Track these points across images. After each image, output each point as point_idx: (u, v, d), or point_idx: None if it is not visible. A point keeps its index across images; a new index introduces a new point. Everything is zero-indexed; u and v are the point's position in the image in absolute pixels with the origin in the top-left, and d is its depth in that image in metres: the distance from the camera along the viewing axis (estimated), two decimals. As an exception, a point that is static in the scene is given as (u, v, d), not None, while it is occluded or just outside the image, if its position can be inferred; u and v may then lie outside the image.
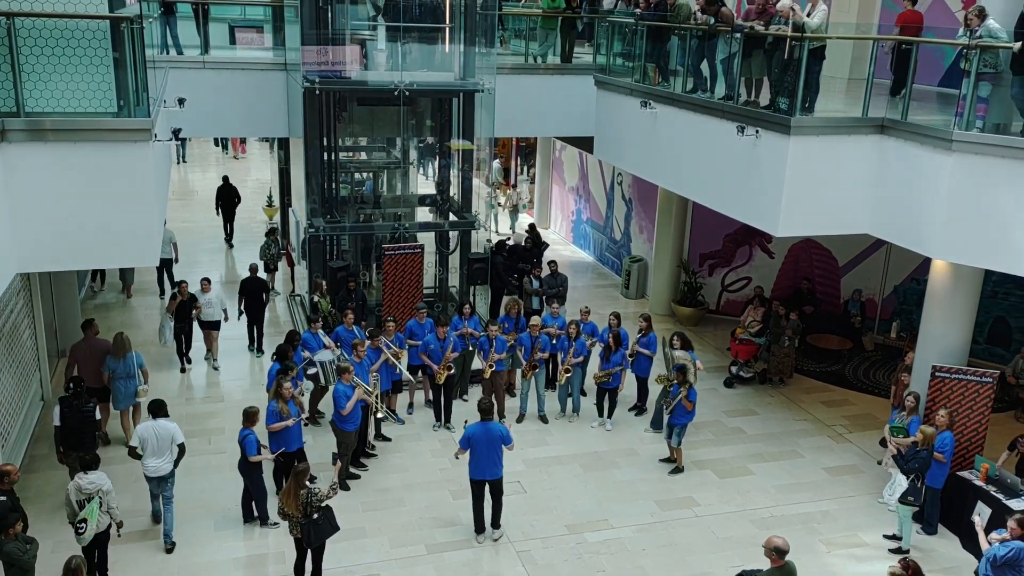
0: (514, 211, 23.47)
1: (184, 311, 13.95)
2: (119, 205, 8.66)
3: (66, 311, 14.48)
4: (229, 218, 21.58)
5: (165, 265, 17.43)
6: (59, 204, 8.47)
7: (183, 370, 14.22)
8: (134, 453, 9.77)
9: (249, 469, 10.02)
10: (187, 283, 14.11)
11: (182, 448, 9.76)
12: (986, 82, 9.75)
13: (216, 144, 34.01)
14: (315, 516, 8.63)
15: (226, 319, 14.56)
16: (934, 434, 10.02)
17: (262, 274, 15.60)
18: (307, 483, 8.64)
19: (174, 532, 9.88)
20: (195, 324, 14.31)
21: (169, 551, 9.77)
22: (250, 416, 9.87)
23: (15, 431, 11.33)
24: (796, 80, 10.45)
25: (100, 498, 8.73)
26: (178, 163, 30.17)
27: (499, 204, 23.87)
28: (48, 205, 8.45)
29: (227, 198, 21.40)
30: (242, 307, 14.83)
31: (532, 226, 20.19)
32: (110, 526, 8.94)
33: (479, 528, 10.24)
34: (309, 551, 8.90)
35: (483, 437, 9.79)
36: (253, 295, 14.81)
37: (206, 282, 14.36)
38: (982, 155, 9.48)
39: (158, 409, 9.79)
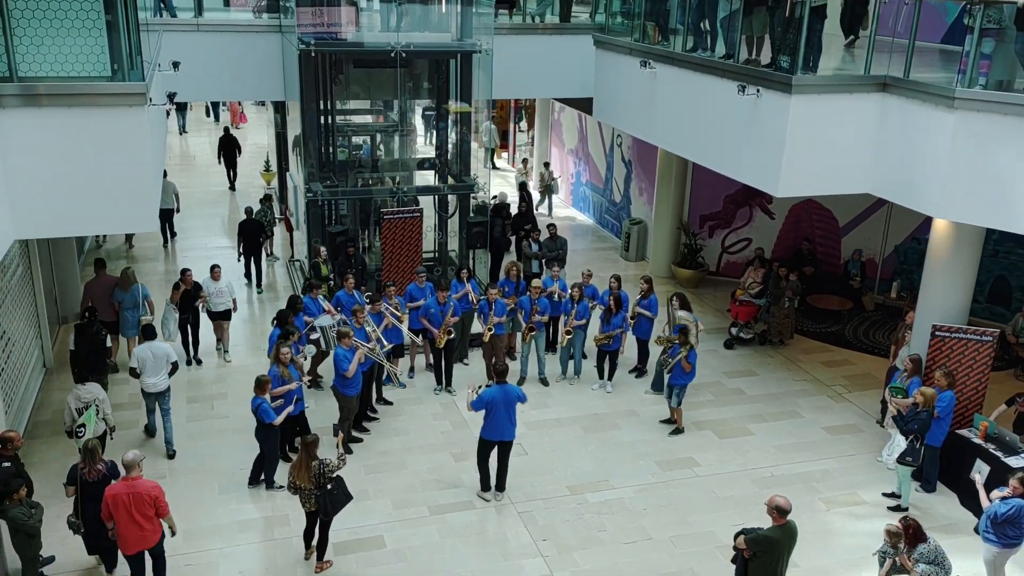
0: (546, 191, 21.86)
1: (189, 301, 12.95)
2: (115, 170, 8.59)
3: (66, 279, 14.46)
4: (231, 165, 23.16)
5: (166, 215, 18.25)
6: (55, 170, 8.42)
7: (189, 363, 13.24)
8: (134, 372, 10.88)
9: (265, 436, 10.08)
10: (191, 271, 13.09)
11: (175, 366, 10.98)
12: (989, 38, 9.63)
13: (208, 115, 33.25)
14: (328, 487, 8.62)
15: (235, 309, 13.66)
16: (934, 395, 10.04)
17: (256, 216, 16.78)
18: (317, 454, 8.65)
19: (174, 441, 11.06)
20: (202, 315, 13.34)
21: (171, 457, 10.85)
22: (262, 384, 9.90)
23: (18, 397, 11.37)
24: (798, 38, 10.33)
25: (96, 406, 9.68)
26: (180, 133, 29.86)
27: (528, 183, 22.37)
28: (44, 171, 8.39)
29: (228, 147, 23.06)
30: (241, 248, 16.16)
31: (523, 184, 20.08)
32: (105, 432, 9.97)
33: (486, 486, 10.34)
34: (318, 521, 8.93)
35: (501, 399, 9.86)
36: (250, 236, 16.14)
37: (216, 269, 13.34)
38: (985, 112, 9.39)
39: (151, 332, 11.04)
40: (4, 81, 8.16)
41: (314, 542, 9.03)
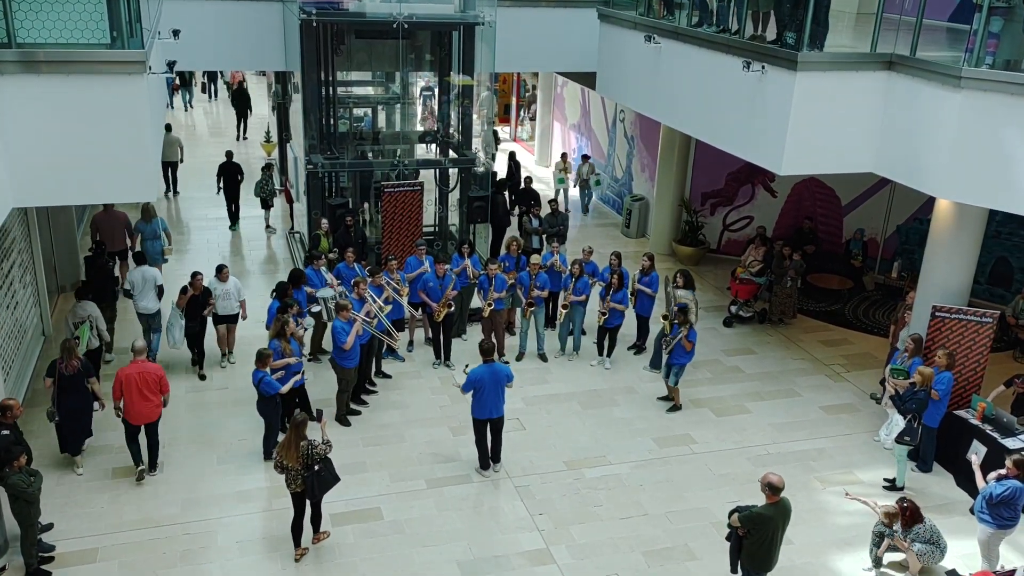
0: (584, 187, 20.21)
1: (197, 307, 11.98)
2: (114, 139, 8.54)
3: (65, 247, 14.41)
4: (243, 115, 25.67)
5: (171, 166, 19.85)
6: (54, 138, 8.37)
7: (202, 377, 12.25)
8: (128, 293, 12.28)
9: (267, 409, 10.08)
10: (202, 275, 11.94)
11: (161, 289, 12.25)
12: (998, 17, 9.51)
13: (203, 91, 31.87)
14: (316, 467, 8.47)
15: (244, 316, 12.51)
16: (932, 374, 10.05)
17: (237, 159, 18.38)
18: (306, 435, 8.50)
19: (158, 354, 12.38)
20: (208, 321, 12.32)
21: (152, 359, 11.59)
22: (263, 358, 9.89)
23: (16, 365, 11.38)
24: (804, 14, 10.22)
25: (91, 322, 11.00)
26: (185, 110, 29.38)
27: (566, 179, 20.25)
28: (43, 139, 8.34)
29: (241, 100, 25.63)
30: (220, 186, 17.90)
31: (512, 154, 19.97)
32: (100, 347, 11.35)
33: (485, 464, 10.38)
34: (306, 507, 8.79)
35: (489, 378, 9.86)
36: (230, 177, 17.88)
37: (223, 269, 12.27)
38: (991, 92, 9.29)
39: (141, 259, 12.57)
40: (2, 47, 8.09)
41: (306, 537, 8.89)
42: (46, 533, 8.86)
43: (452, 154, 15.49)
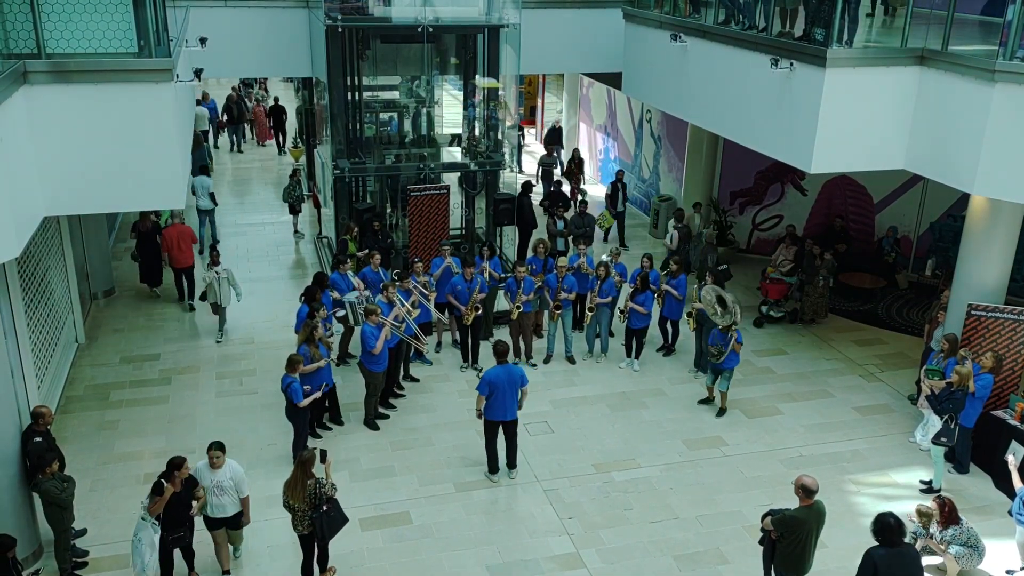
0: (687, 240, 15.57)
1: (179, 508, 8.03)
2: (142, 147, 8.62)
3: (97, 254, 14.57)
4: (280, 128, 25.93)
5: (204, 134, 22.34)
6: (83, 147, 8.46)
7: None
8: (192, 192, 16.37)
9: (295, 415, 10.11)
10: (187, 461, 8.08)
11: (213, 196, 16.99)
12: (1032, 9, 9.32)
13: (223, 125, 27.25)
14: (324, 508, 8.06)
15: (247, 520, 8.66)
16: (969, 374, 9.85)
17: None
18: (313, 472, 8.09)
19: (217, 235, 17.38)
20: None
21: (213, 248, 14.73)
22: (293, 363, 9.89)
23: (50, 373, 11.52)
24: (832, 10, 10.08)
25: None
26: (231, 151, 25.94)
27: None
28: (72, 148, 8.43)
29: (277, 114, 26.16)
30: (270, 125, 23.74)
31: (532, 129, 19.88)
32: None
33: (494, 468, 10.32)
34: (315, 550, 8.46)
35: (504, 379, 9.82)
36: (277, 117, 23.77)
37: (216, 452, 8.23)
38: (1026, 86, 9.12)
39: (201, 170, 16.92)
40: (32, 58, 8.18)
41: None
42: (80, 538, 8.95)
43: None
